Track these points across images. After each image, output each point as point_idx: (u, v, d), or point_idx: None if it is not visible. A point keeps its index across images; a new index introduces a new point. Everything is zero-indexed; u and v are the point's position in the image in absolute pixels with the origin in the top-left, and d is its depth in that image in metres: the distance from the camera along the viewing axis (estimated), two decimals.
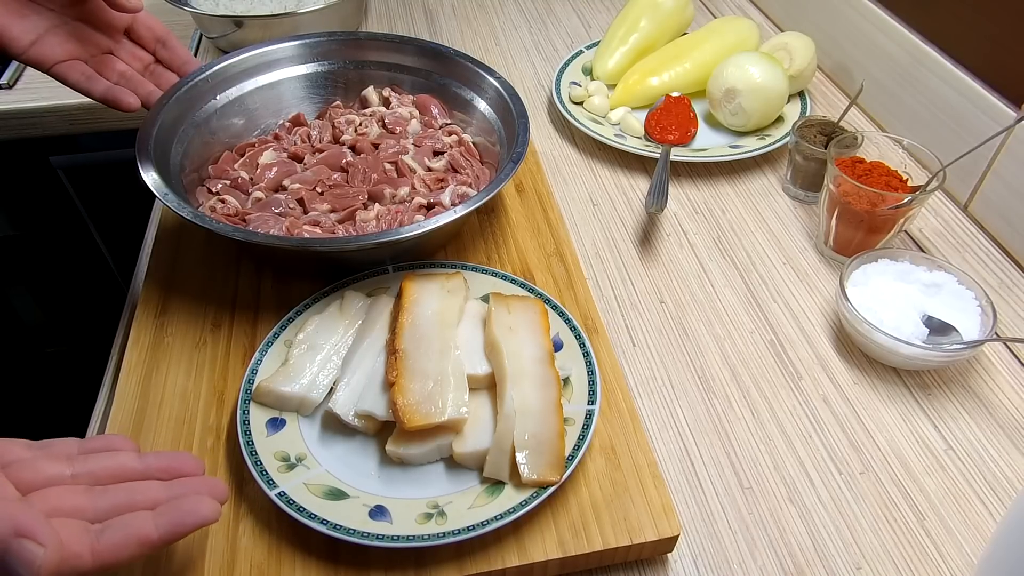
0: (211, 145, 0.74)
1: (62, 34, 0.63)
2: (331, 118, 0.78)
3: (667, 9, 0.95)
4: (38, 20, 0.62)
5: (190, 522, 0.38)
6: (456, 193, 0.69)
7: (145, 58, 0.69)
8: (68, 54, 0.63)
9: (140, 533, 0.37)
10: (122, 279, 1.19)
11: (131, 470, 0.41)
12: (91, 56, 0.65)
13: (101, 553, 0.35)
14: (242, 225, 0.66)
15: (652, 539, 0.49)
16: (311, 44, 0.79)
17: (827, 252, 0.74)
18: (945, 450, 0.58)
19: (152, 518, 0.37)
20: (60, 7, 0.63)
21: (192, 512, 0.38)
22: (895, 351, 0.61)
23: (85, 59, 0.65)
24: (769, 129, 0.88)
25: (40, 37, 0.62)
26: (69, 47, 0.63)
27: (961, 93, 0.77)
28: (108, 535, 0.36)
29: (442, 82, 0.79)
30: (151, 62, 0.69)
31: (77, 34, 0.64)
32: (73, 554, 0.35)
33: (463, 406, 0.51)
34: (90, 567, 0.35)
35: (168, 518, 0.37)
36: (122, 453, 0.41)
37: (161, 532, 0.37)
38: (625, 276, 0.72)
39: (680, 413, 0.60)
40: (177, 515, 0.38)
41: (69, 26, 0.64)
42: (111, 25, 0.66)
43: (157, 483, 0.40)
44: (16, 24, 0.61)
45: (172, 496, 0.39)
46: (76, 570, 0.35)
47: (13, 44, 0.61)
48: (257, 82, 0.77)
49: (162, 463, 0.42)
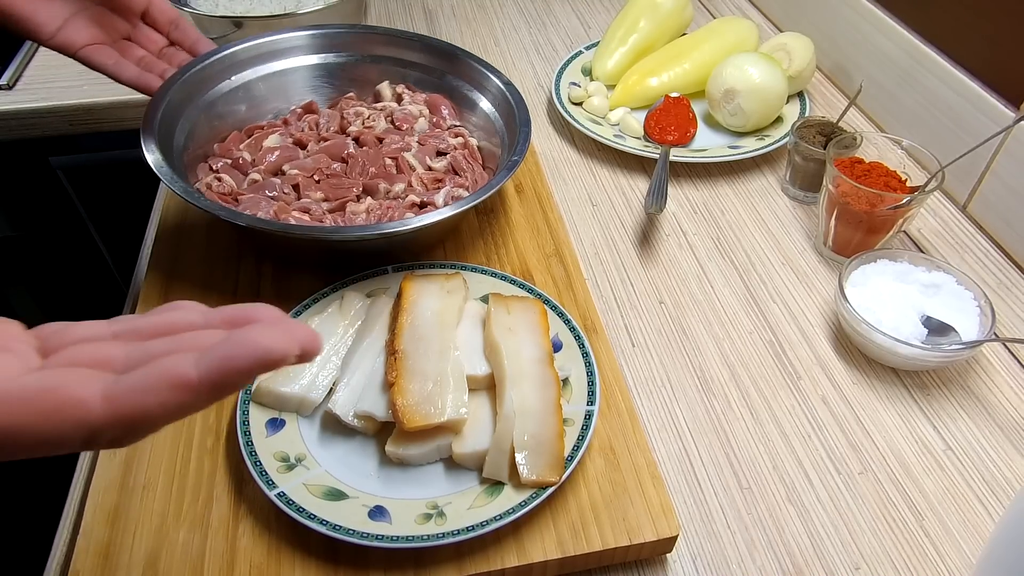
0: (218, 127, 0.75)
1: (85, 18, 0.65)
2: (341, 108, 0.79)
3: (666, 10, 0.95)
4: (62, 5, 0.64)
5: (241, 355, 0.27)
6: (451, 195, 0.69)
7: (160, 41, 0.71)
8: (93, 38, 0.65)
9: (173, 372, 0.27)
10: (122, 279, 1.19)
11: (186, 323, 0.31)
12: (112, 41, 0.67)
13: (116, 398, 0.26)
14: (233, 205, 0.66)
15: (651, 539, 0.49)
16: (329, 35, 0.81)
17: (826, 252, 0.74)
18: (944, 450, 0.58)
19: (192, 357, 0.27)
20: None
21: (247, 343, 0.27)
22: (894, 351, 0.61)
23: (108, 44, 0.67)
24: (768, 130, 0.88)
25: (66, 22, 0.64)
26: (93, 31, 0.65)
27: (960, 93, 0.77)
28: (129, 378, 0.27)
29: (454, 83, 0.79)
30: (165, 44, 0.71)
31: (99, 19, 0.66)
32: (75, 400, 0.26)
33: (462, 407, 0.52)
34: (100, 416, 0.26)
35: (214, 353, 0.27)
36: (182, 310, 0.32)
37: (201, 370, 0.27)
38: (624, 276, 0.72)
39: (679, 413, 0.61)
40: (226, 348, 0.27)
41: (91, 11, 0.66)
42: (129, 9, 0.68)
43: (215, 331, 0.30)
44: (43, 10, 0.62)
45: (222, 340, 0.28)
46: (81, 423, 0.26)
47: (41, 30, 0.63)
48: (270, 68, 0.79)
49: (228, 314, 0.31)
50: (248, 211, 0.65)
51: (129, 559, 0.48)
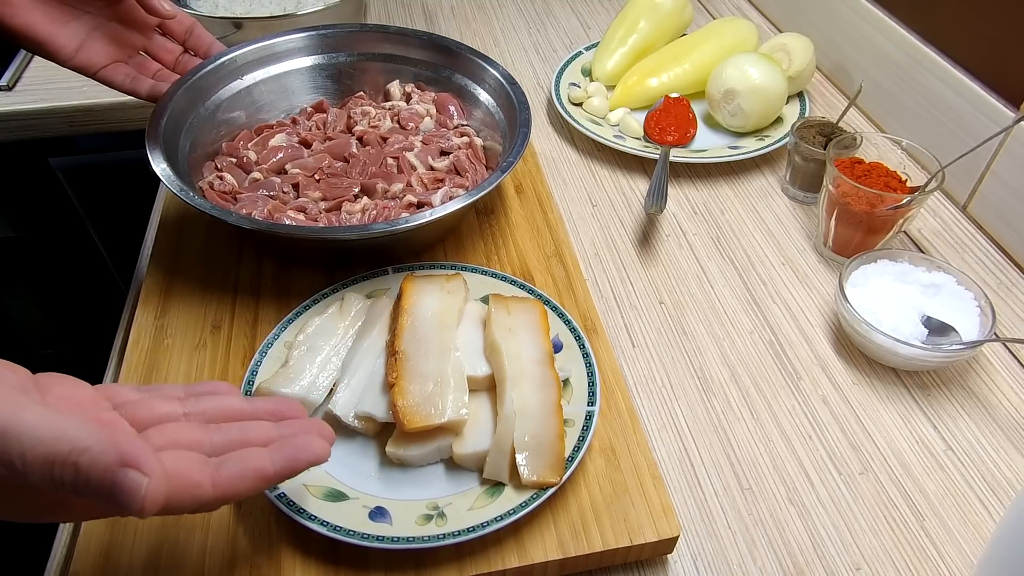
0: (224, 130, 0.75)
1: (102, 37, 0.65)
2: (348, 108, 0.79)
3: (666, 10, 0.95)
4: (78, 25, 0.64)
5: (303, 458, 0.38)
6: (448, 194, 0.69)
7: (175, 49, 0.72)
8: (110, 57, 0.66)
9: (257, 466, 0.36)
10: (122, 281, 1.19)
11: (240, 410, 0.41)
12: (129, 57, 0.68)
13: (221, 484, 0.35)
14: (232, 203, 0.67)
15: (652, 540, 0.49)
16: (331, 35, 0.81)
17: (826, 253, 0.74)
18: (944, 450, 0.58)
19: (267, 454, 0.37)
20: (96, 9, 0.65)
21: (305, 448, 0.38)
22: (894, 351, 0.61)
23: (124, 60, 0.67)
24: (768, 130, 0.88)
25: (83, 42, 0.64)
26: (110, 50, 0.66)
27: (960, 94, 0.77)
28: (227, 467, 0.36)
29: (461, 81, 0.79)
30: (180, 52, 0.72)
31: (115, 35, 0.66)
32: (194, 483, 0.34)
33: (463, 407, 0.52)
34: (211, 497, 0.35)
35: (283, 454, 0.37)
36: (229, 396, 0.41)
37: (277, 467, 0.37)
38: (624, 277, 0.72)
39: (679, 414, 0.61)
40: (291, 451, 0.38)
41: (106, 27, 0.66)
42: (144, 23, 0.68)
43: (267, 423, 0.40)
44: (61, 32, 0.62)
45: (283, 435, 0.39)
46: (198, 500, 0.34)
47: (60, 52, 0.63)
48: (276, 70, 0.79)
49: (269, 406, 0.42)
50: (244, 210, 0.66)
51: (129, 560, 0.48)
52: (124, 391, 0.39)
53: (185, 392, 0.41)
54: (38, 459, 0.30)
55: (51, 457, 0.30)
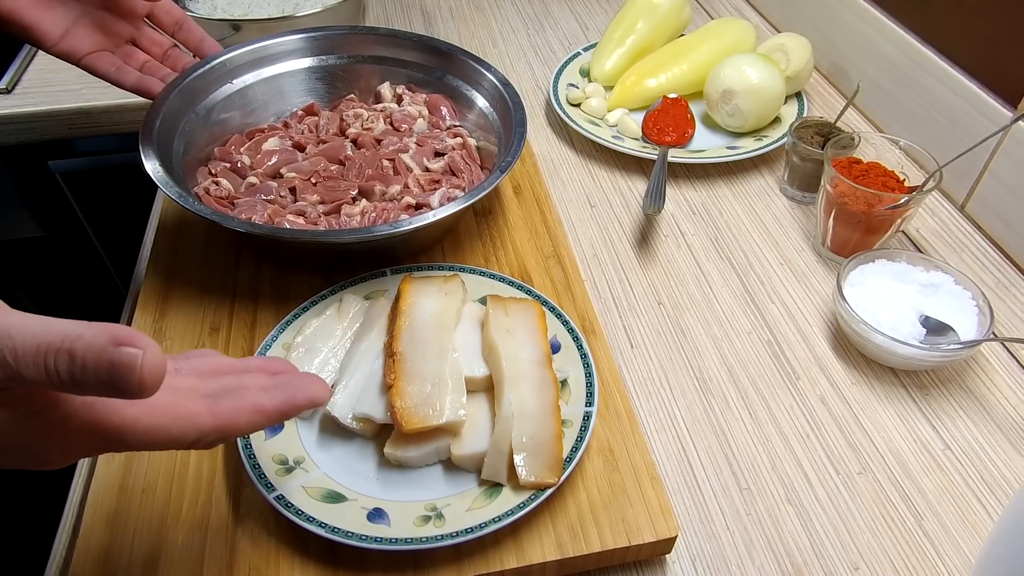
0: (218, 132, 0.75)
1: (88, 24, 0.65)
2: (341, 111, 0.79)
3: (664, 11, 0.95)
4: (65, 12, 0.64)
5: (302, 397, 0.38)
6: (446, 195, 0.69)
7: (165, 42, 0.71)
8: (96, 45, 0.65)
9: (256, 400, 0.37)
10: (121, 283, 1.19)
11: (231, 365, 0.41)
12: (116, 47, 0.67)
13: (219, 414, 0.35)
14: (230, 208, 0.67)
15: (650, 540, 0.49)
16: (325, 37, 0.81)
17: (824, 252, 0.74)
18: (943, 450, 0.58)
19: (264, 392, 0.37)
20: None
21: (304, 389, 0.38)
22: (892, 351, 0.61)
23: (111, 49, 0.67)
24: (766, 130, 0.88)
25: (68, 29, 0.64)
26: (96, 38, 0.65)
27: (957, 93, 0.77)
28: (225, 401, 0.36)
29: (453, 83, 0.80)
30: (170, 45, 0.71)
31: (102, 24, 0.66)
32: (192, 411, 0.35)
33: (461, 408, 0.52)
34: (211, 426, 0.35)
35: (281, 391, 0.38)
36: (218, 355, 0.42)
37: (275, 403, 0.37)
38: (623, 277, 0.72)
39: (678, 414, 0.61)
40: (289, 390, 0.38)
41: (93, 15, 0.65)
42: (132, 12, 0.68)
43: (262, 375, 0.40)
44: (47, 17, 0.62)
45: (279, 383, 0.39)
46: (197, 427, 0.35)
47: (45, 38, 0.63)
48: (269, 72, 0.79)
49: (260, 363, 0.42)
50: (243, 215, 0.66)
51: (128, 562, 0.48)
52: None
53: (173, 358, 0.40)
54: (30, 351, 0.29)
55: (43, 347, 0.30)
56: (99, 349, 0.30)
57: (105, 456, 0.53)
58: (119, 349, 0.30)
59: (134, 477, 0.52)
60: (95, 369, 0.30)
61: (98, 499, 0.51)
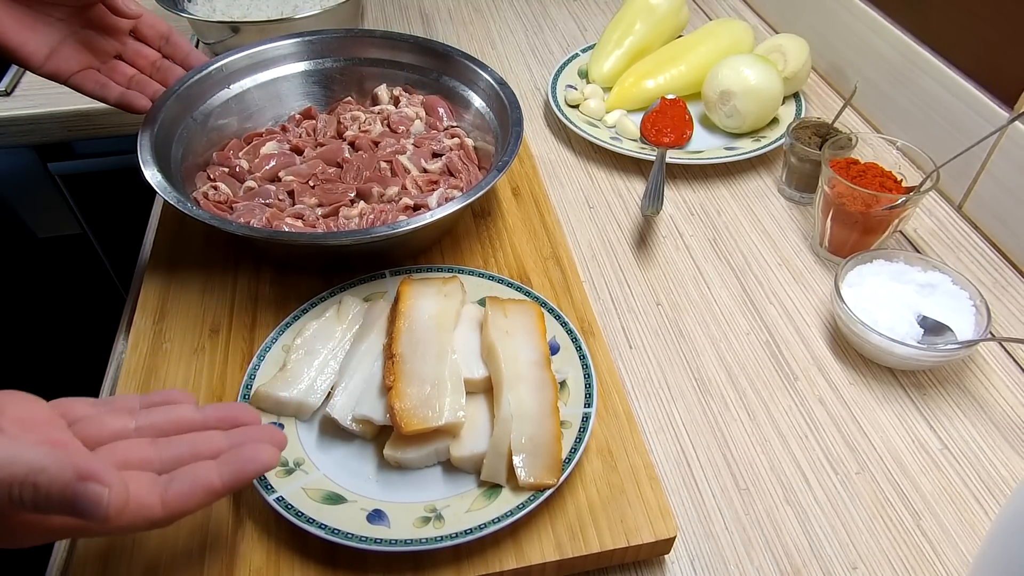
0: (216, 137, 0.75)
1: (74, 44, 0.65)
2: (338, 113, 0.79)
3: (662, 12, 0.95)
4: (49, 32, 0.64)
5: (251, 469, 0.39)
6: (444, 196, 0.70)
7: (151, 55, 0.71)
8: (82, 64, 0.65)
9: (205, 482, 0.38)
10: (121, 285, 1.19)
11: (191, 421, 0.42)
12: (102, 63, 0.67)
13: (170, 503, 0.37)
14: (228, 212, 0.67)
15: (649, 541, 0.49)
16: (321, 40, 0.81)
17: (822, 253, 0.74)
18: (940, 449, 0.59)
19: (215, 467, 0.39)
20: (67, 15, 0.65)
21: (252, 460, 0.39)
22: (890, 351, 0.61)
23: (97, 67, 0.67)
24: (764, 131, 0.88)
25: (54, 49, 0.64)
26: (82, 57, 0.66)
27: (954, 94, 0.78)
28: (176, 485, 0.37)
29: (450, 83, 0.80)
30: (157, 58, 0.71)
31: (87, 42, 0.66)
32: (145, 505, 0.36)
33: (460, 410, 0.52)
34: (161, 516, 0.36)
35: (231, 467, 0.39)
36: (182, 406, 0.43)
37: (224, 480, 0.38)
38: (621, 278, 0.72)
39: (676, 415, 0.61)
40: (238, 464, 0.39)
41: (78, 35, 0.66)
42: (116, 28, 0.68)
43: (218, 433, 0.41)
44: (31, 39, 0.62)
45: (233, 444, 0.40)
46: (148, 520, 0.36)
47: (31, 59, 0.63)
48: (265, 76, 0.79)
49: (220, 413, 0.43)
50: (242, 218, 0.66)
51: (129, 565, 0.48)
52: (78, 406, 0.40)
53: (140, 403, 0.42)
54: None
55: (8, 480, 0.31)
56: (63, 484, 0.32)
57: None
58: (83, 485, 0.32)
59: None
60: (59, 502, 0.32)
61: None
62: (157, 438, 0.40)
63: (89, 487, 0.32)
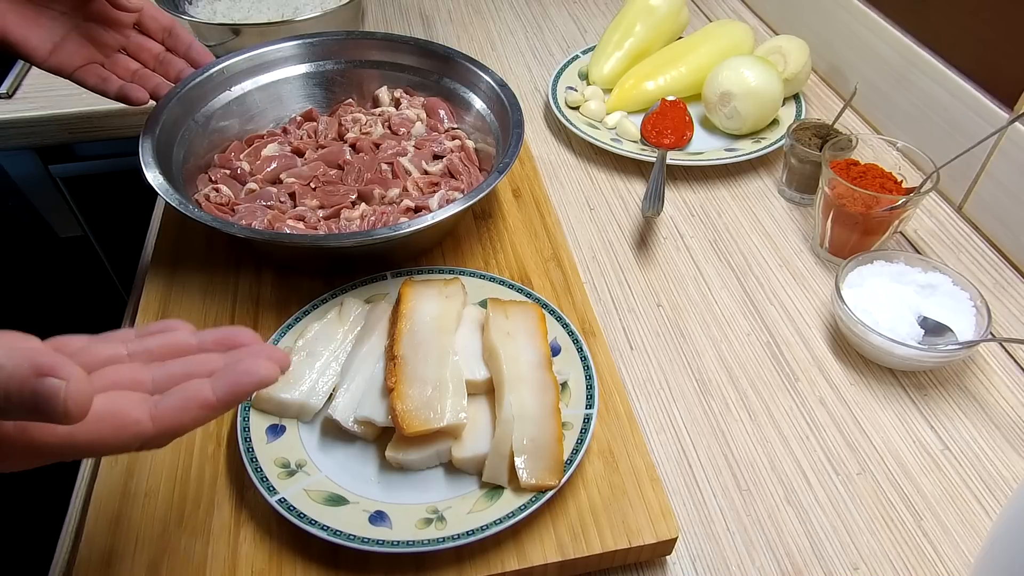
0: (217, 140, 0.75)
1: (77, 38, 0.65)
2: (339, 115, 0.80)
3: (662, 14, 0.96)
4: (53, 26, 0.64)
5: (246, 382, 0.37)
6: (445, 198, 0.70)
7: (155, 49, 0.71)
8: (85, 58, 0.66)
9: (199, 396, 0.36)
10: (122, 287, 1.19)
11: (186, 345, 0.40)
12: (106, 57, 0.68)
13: (161, 418, 0.35)
14: (230, 215, 0.67)
15: (650, 542, 0.49)
16: (322, 42, 0.81)
17: (822, 254, 0.74)
18: (941, 450, 0.59)
19: (209, 383, 0.36)
20: (70, 9, 0.65)
21: (249, 372, 0.37)
22: (891, 352, 0.61)
23: (101, 61, 0.67)
24: (764, 132, 0.88)
25: (57, 44, 0.64)
26: (86, 51, 0.66)
27: (954, 95, 0.78)
28: (167, 401, 0.36)
29: (450, 85, 0.80)
30: (161, 51, 0.71)
31: (91, 35, 0.66)
32: (133, 420, 0.34)
33: (462, 411, 0.52)
34: (152, 433, 0.35)
35: (225, 380, 0.36)
36: (178, 332, 0.41)
37: (219, 395, 0.36)
38: (622, 279, 0.72)
39: (677, 416, 0.61)
40: (234, 377, 0.37)
41: (81, 28, 0.66)
42: (119, 22, 0.68)
43: (215, 354, 0.39)
44: (35, 34, 0.63)
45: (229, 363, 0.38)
46: (138, 436, 0.34)
47: (35, 53, 0.63)
48: (267, 78, 0.79)
49: (217, 336, 0.40)
50: (244, 220, 0.66)
51: (131, 566, 0.48)
52: (73, 341, 0.39)
53: (136, 334, 0.40)
54: None
55: None
56: (21, 380, 0.30)
57: (108, 460, 0.53)
58: (41, 380, 0.30)
59: (136, 481, 0.52)
60: (18, 399, 0.30)
61: (101, 504, 0.51)
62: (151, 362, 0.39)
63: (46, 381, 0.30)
